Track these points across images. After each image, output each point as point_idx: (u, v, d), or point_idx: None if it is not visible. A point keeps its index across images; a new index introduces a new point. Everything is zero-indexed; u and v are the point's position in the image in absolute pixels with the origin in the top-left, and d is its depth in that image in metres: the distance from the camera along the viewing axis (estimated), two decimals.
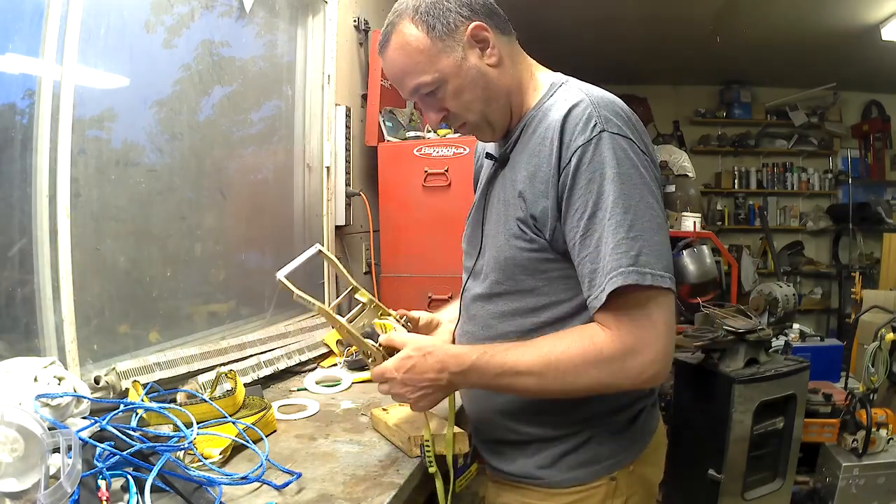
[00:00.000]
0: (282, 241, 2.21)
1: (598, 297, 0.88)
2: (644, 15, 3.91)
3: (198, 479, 0.92)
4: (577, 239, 0.90)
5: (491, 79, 0.99)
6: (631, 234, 0.86)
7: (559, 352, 0.90)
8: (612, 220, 0.86)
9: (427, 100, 1.01)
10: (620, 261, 0.85)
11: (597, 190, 0.88)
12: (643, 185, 0.89)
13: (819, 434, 2.60)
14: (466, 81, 0.98)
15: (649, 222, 0.87)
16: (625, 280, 0.84)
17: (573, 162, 0.89)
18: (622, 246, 0.85)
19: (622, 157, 0.88)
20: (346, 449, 1.20)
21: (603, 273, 0.87)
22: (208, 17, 1.75)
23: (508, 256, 1.00)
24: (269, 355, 1.74)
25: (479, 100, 1.00)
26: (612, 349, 0.88)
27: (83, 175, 1.34)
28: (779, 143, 6.09)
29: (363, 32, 2.59)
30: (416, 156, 2.38)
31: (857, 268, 5.31)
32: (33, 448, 0.78)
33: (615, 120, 0.91)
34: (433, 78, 0.97)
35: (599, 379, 0.90)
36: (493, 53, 0.98)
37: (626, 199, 0.87)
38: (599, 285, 0.87)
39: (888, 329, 2.79)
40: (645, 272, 0.85)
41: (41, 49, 1.23)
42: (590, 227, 0.88)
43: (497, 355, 0.93)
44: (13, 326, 1.21)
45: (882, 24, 3.94)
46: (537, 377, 0.91)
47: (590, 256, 0.89)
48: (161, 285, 1.60)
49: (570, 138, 0.90)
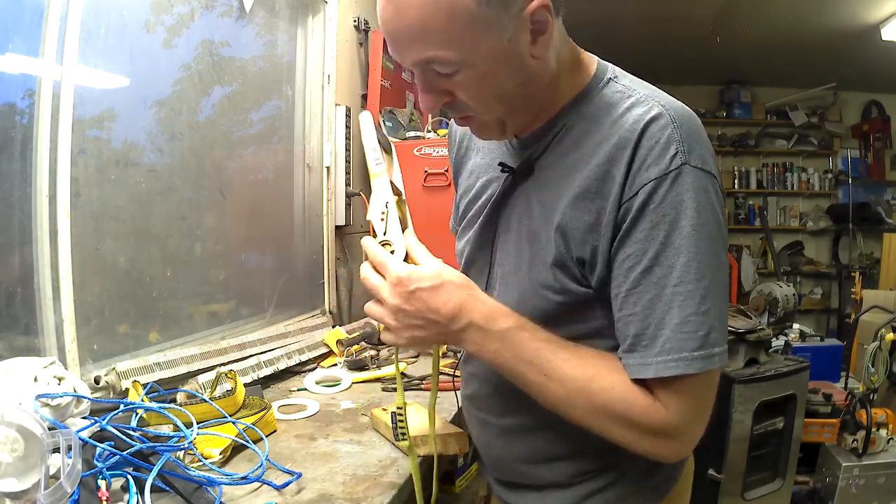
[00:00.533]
0: (282, 241, 2.21)
1: (637, 369, 0.72)
2: (644, 15, 3.91)
3: (198, 479, 0.92)
4: (620, 291, 0.73)
5: (531, 73, 0.75)
6: (702, 308, 0.69)
7: (602, 383, 0.74)
8: (680, 286, 0.69)
9: (433, 78, 0.74)
10: (686, 343, 0.69)
11: (662, 240, 0.70)
12: (720, 239, 0.72)
13: (819, 434, 2.61)
14: (501, 70, 0.72)
15: (722, 288, 0.72)
16: (687, 368, 0.69)
17: (640, 197, 0.70)
18: (691, 324, 0.69)
19: (703, 204, 0.70)
20: (346, 449, 1.20)
21: (656, 348, 0.70)
22: (208, 17, 1.74)
23: (536, 306, 0.80)
24: (269, 355, 1.74)
25: (505, 97, 0.75)
26: (651, 420, 0.72)
27: (83, 175, 1.34)
28: (779, 143, 6.09)
29: (363, 32, 2.59)
30: (416, 156, 2.38)
31: (857, 268, 5.32)
32: (33, 448, 0.78)
33: (698, 149, 0.71)
34: (461, 57, 0.70)
35: (621, 438, 0.75)
36: (546, 43, 0.73)
37: (701, 262, 0.69)
38: (644, 357, 0.71)
39: (888, 329, 2.80)
40: (713, 355, 0.70)
41: (41, 49, 1.23)
42: (641, 283, 0.71)
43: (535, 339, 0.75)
44: (13, 326, 1.21)
45: (882, 24, 3.95)
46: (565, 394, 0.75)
47: (635, 318, 0.72)
48: (161, 285, 1.60)
49: (641, 165, 0.71)
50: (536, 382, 0.76)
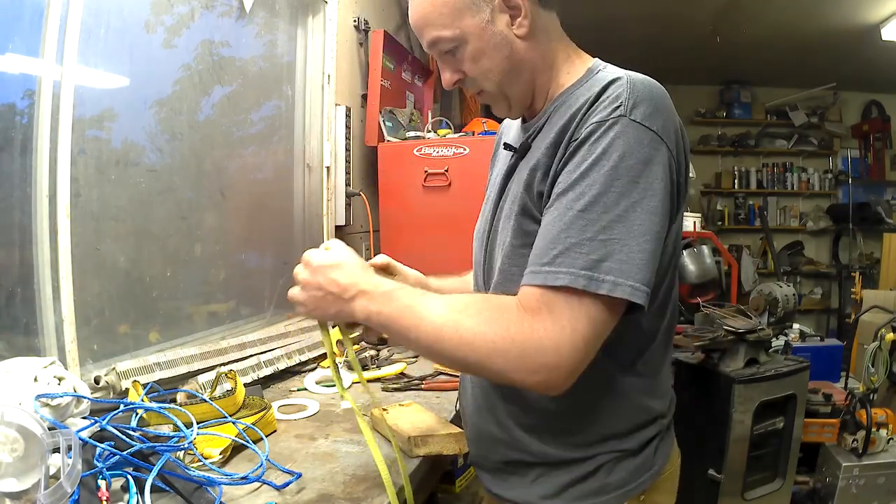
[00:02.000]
0: (282, 241, 2.21)
1: (529, 275, 0.79)
2: (644, 15, 3.91)
3: (198, 479, 0.92)
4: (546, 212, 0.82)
5: (516, 50, 0.90)
6: (601, 237, 0.76)
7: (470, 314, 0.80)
8: (585, 213, 0.77)
9: (445, 58, 0.93)
10: (576, 261, 0.75)
11: (583, 171, 0.78)
12: (646, 187, 0.78)
13: (819, 434, 2.60)
14: (488, 47, 0.89)
15: (638, 228, 0.76)
16: (573, 282, 0.75)
17: (580, 137, 0.81)
18: (585, 246, 0.76)
19: (632, 152, 0.78)
20: (346, 449, 1.20)
21: (546, 258, 0.77)
22: (208, 17, 1.75)
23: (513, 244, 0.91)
24: (269, 355, 1.74)
25: (498, 69, 0.91)
26: (521, 332, 0.76)
27: (83, 175, 1.34)
28: (779, 143, 6.09)
29: (363, 32, 2.59)
30: (416, 156, 2.38)
31: (857, 268, 5.32)
32: (33, 448, 0.78)
33: (644, 109, 0.80)
34: (453, 34, 0.89)
35: (496, 356, 0.77)
36: (524, 24, 0.89)
37: (614, 199, 0.76)
38: (538, 266, 0.78)
39: (888, 329, 2.79)
40: (602, 280, 0.74)
41: (41, 49, 1.23)
42: (554, 203, 0.80)
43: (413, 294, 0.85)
44: (13, 326, 1.21)
45: (882, 24, 3.95)
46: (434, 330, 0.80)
47: (543, 230, 0.80)
48: (161, 285, 1.60)
49: (590, 113, 0.82)
50: (410, 326, 0.82)
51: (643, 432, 0.94)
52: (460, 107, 3.90)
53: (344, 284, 0.86)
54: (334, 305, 0.88)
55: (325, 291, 0.87)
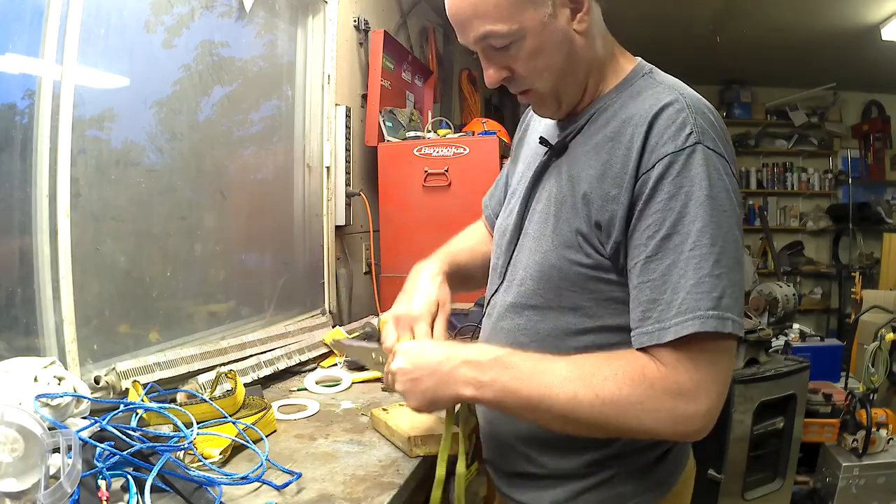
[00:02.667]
0: (282, 241, 2.21)
1: (655, 335, 0.75)
2: (644, 15, 3.91)
3: (198, 479, 0.92)
4: (639, 259, 0.78)
5: (576, 47, 0.84)
6: (716, 272, 0.73)
7: (604, 374, 0.76)
8: (695, 250, 0.74)
9: (492, 54, 0.85)
10: (700, 302, 0.73)
11: (679, 209, 0.75)
12: (733, 213, 0.77)
13: (819, 434, 2.61)
14: (548, 43, 0.82)
15: (735, 259, 0.75)
16: (703, 326, 0.72)
17: (657, 170, 0.77)
18: (705, 284, 0.73)
19: (715, 178, 0.76)
20: (346, 449, 1.20)
21: (673, 310, 0.74)
22: (208, 18, 1.75)
23: (555, 266, 0.86)
24: (269, 355, 1.74)
25: (555, 68, 0.84)
26: (665, 386, 0.74)
27: (83, 175, 1.34)
28: (779, 143, 6.09)
29: (363, 32, 2.59)
30: (416, 156, 2.39)
31: (857, 268, 5.31)
32: (33, 448, 0.78)
33: (712, 133, 0.79)
34: (510, 30, 0.80)
35: (642, 415, 0.75)
36: (585, 19, 0.83)
37: (715, 229, 0.74)
38: (662, 322, 0.75)
39: (888, 329, 2.80)
40: (727, 318, 0.73)
41: (41, 49, 1.23)
42: (660, 250, 0.76)
43: (528, 358, 0.80)
44: (13, 326, 1.21)
45: (882, 24, 3.94)
46: (569, 397, 0.76)
47: (652, 283, 0.76)
48: (161, 285, 1.60)
49: (658, 141, 0.78)
50: (540, 396, 0.78)
51: (661, 444, 0.91)
52: (460, 107, 3.90)
53: (438, 357, 0.82)
54: (436, 381, 0.83)
55: (420, 370, 0.83)
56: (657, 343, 0.75)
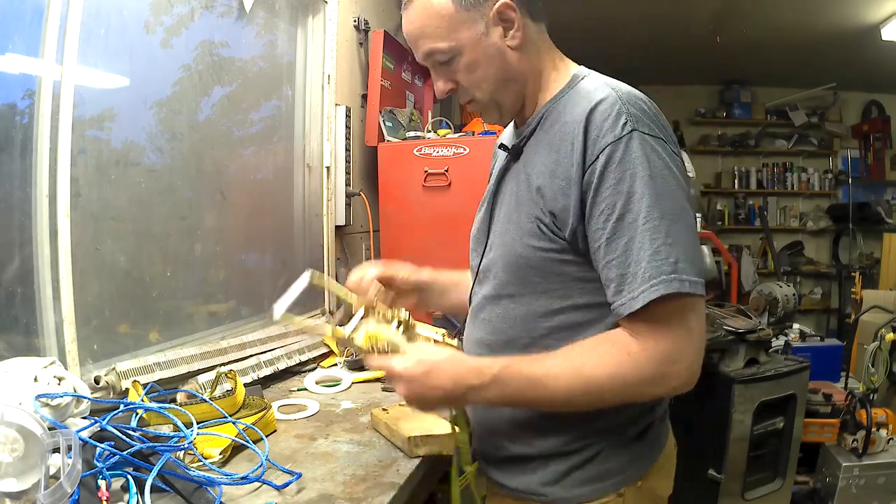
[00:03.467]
0: (282, 241, 2.21)
1: (629, 305, 0.84)
2: (644, 15, 3.91)
3: (198, 479, 0.92)
4: (601, 241, 0.86)
5: (508, 61, 0.95)
6: (668, 241, 0.82)
7: (593, 364, 0.86)
8: (647, 224, 0.83)
9: (439, 68, 0.97)
10: (661, 268, 0.82)
11: (626, 191, 0.84)
12: (677, 187, 0.86)
13: (819, 434, 2.61)
14: (483, 58, 0.94)
15: (684, 226, 0.85)
16: (667, 289, 0.81)
17: (601, 160, 0.85)
18: (661, 252, 0.82)
19: (654, 158, 0.85)
20: (346, 449, 1.20)
21: (638, 280, 0.83)
22: (208, 18, 1.74)
23: (521, 255, 0.95)
24: (269, 355, 1.74)
25: (491, 79, 0.95)
26: (650, 359, 0.84)
27: (83, 175, 1.34)
28: (779, 143, 6.09)
29: (363, 32, 2.59)
30: (416, 156, 2.38)
31: (857, 268, 5.31)
32: (33, 448, 0.78)
33: (645, 119, 0.87)
34: (449, 46, 0.93)
35: (634, 388, 0.86)
36: (517, 36, 0.94)
37: (662, 203, 0.83)
38: (632, 292, 0.83)
39: (888, 329, 2.80)
40: (684, 279, 0.82)
41: (41, 49, 1.23)
42: (617, 230, 0.84)
43: (523, 367, 0.88)
44: (13, 326, 1.21)
45: (882, 24, 3.94)
46: (566, 391, 0.86)
47: (617, 260, 0.85)
48: (161, 285, 1.60)
49: (598, 134, 0.86)
50: (540, 397, 0.88)
51: (641, 421, 0.98)
52: (460, 107, 3.90)
53: (448, 388, 0.88)
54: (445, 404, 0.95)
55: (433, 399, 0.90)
56: (631, 313, 0.84)
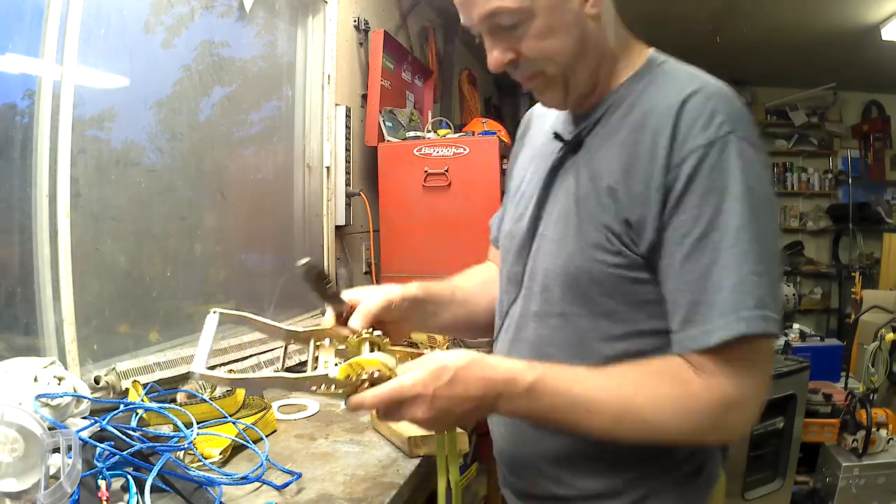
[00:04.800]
0: (282, 241, 2.21)
1: (701, 340, 0.71)
2: (644, 15, 3.91)
3: (198, 479, 0.92)
4: (676, 259, 0.73)
5: (588, 31, 0.79)
6: (758, 269, 0.70)
7: (645, 393, 0.73)
8: (735, 247, 0.70)
9: (499, 34, 0.80)
10: (745, 301, 0.69)
11: (715, 205, 0.71)
12: (770, 206, 0.73)
13: (819, 434, 2.61)
14: (560, 24, 0.77)
15: (774, 254, 0.72)
16: (749, 328, 0.68)
17: (688, 163, 0.72)
18: (747, 283, 0.69)
19: (751, 171, 0.72)
20: (346, 449, 1.20)
21: (716, 311, 0.70)
22: (208, 18, 1.74)
23: (582, 268, 0.80)
24: (269, 355, 1.74)
25: (566, 51, 0.79)
26: (711, 400, 0.71)
27: (83, 175, 1.34)
28: (779, 143, 6.09)
29: (363, 32, 2.59)
30: (416, 156, 2.38)
31: (857, 268, 5.31)
32: (33, 448, 0.78)
33: (744, 122, 0.74)
34: (520, 6, 0.75)
35: (688, 432, 0.73)
36: (599, 3, 0.79)
37: (755, 224, 0.70)
38: (705, 324, 0.70)
39: (888, 329, 2.80)
40: (769, 317, 0.69)
41: (41, 49, 1.23)
42: (696, 249, 0.71)
43: (563, 381, 0.75)
44: (13, 326, 1.21)
45: (882, 24, 3.94)
46: (611, 420, 0.73)
47: (691, 285, 0.72)
48: (161, 285, 1.60)
49: (688, 133, 0.73)
50: (576, 422, 0.75)
51: (698, 456, 0.86)
52: (460, 107, 3.89)
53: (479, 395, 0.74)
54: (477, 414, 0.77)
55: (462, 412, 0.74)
56: (701, 347, 0.71)
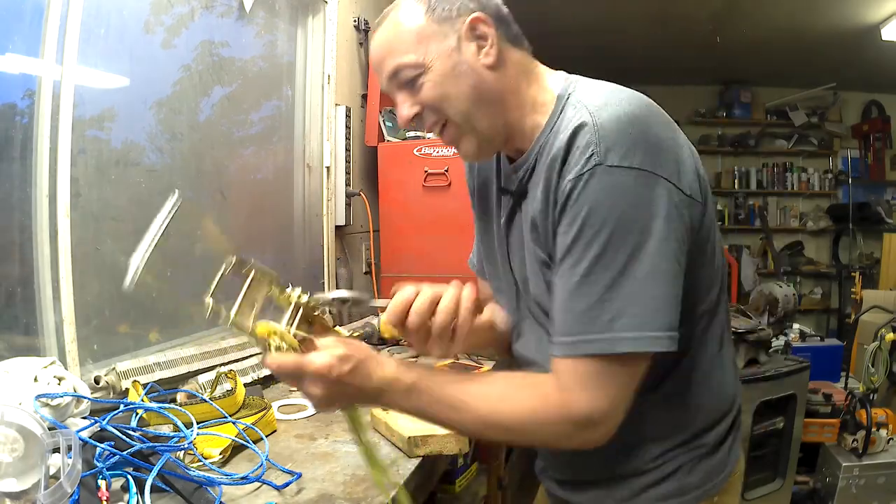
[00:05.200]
0: (282, 241, 2.21)
1: (556, 350, 0.79)
2: (644, 15, 3.91)
3: (198, 479, 0.92)
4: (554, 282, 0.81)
5: (483, 79, 0.85)
6: (609, 296, 0.74)
7: (510, 404, 0.81)
8: (590, 276, 0.75)
9: (404, 90, 0.87)
10: (590, 326, 0.75)
11: (574, 234, 0.76)
12: (643, 229, 0.74)
13: (819, 434, 2.61)
14: (453, 73, 0.84)
15: (644, 276, 0.74)
16: (587, 349, 0.75)
17: (560, 198, 0.78)
18: (594, 309, 0.75)
19: (619, 199, 0.74)
20: (346, 449, 1.20)
21: (565, 331, 0.77)
22: (208, 18, 1.74)
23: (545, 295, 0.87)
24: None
25: (463, 97, 0.85)
26: (563, 415, 0.78)
27: (83, 175, 1.34)
28: (779, 143, 6.09)
29: (363, 32, 2.59)
30: (416, 156, 2.38)
31: (857, 268, 5.31)
32: (33, 448, 0.78)
33: (620, 149, 0.75)
34: (416, 60, 0.84)
35: (541, 440, 0.86)
36: (491, 53, 0.85)
37: (614, 253, 0.74)
38: (558, 340, 0.78)
39: (888, 329, 2.80)
40: (619, 339, 0.74)
41: (41, 49, 1.23)
42: (559, 274, 0.79)
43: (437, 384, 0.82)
44: (13, 326, 1.21)
45: (882, 24, 3.94)
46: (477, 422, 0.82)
47: (558, 304, 0.79)
48: (161, 285, 1.60)
49: (567, 168, 0.78)
50: (450, 421, 0.84)
51: (720, 426, 0.91)
52: None
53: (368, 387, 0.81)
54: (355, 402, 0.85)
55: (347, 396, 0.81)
56: (556, 355, 0.79)
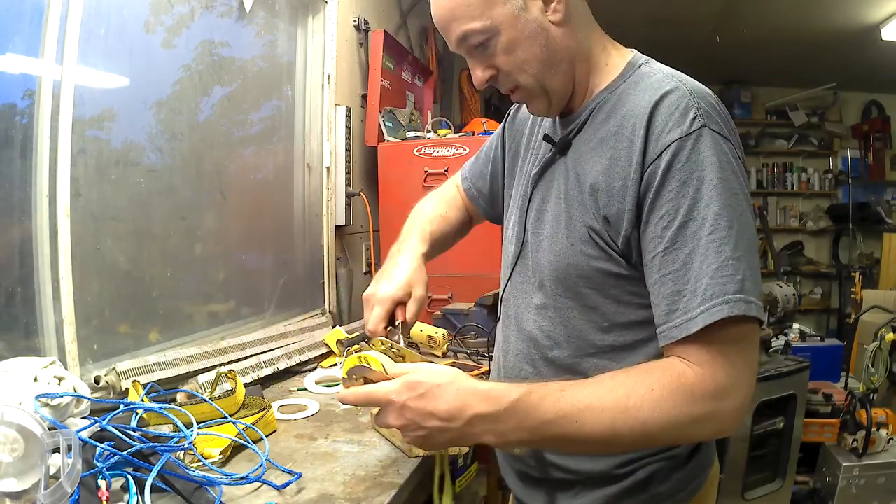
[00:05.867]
0: (282, 241, 2.21)
1: (684, 326, 0.72)
2: (644, 15, 3.91)
3: (198, 479, 0.92)
4: (658, 251, 0.76)
5: (553, 38, 0.83)
6: (736, 254, 0.71)
7: (638, 393, 0.72)
8: (714, 234, 0.72)
9: (475, 53, 0.86)
10: (726, 286, 0.70)
11: (693, 195, 0.73)
12: (744, 196, 0.75)
13: (819, 434, 2.61)
14: (523, 35, 0.82)
15: (750, 241, 0.74)
16: (731, 311, 0.70)
17: (665, 158, 0.75)
18: (728, 268, 0.71)
19: (724, 162, 0.74)
20: (346, 449, 1.20)
21: (698, 298, 0.71)
22: (208, 18, 1.74)
23: (572, 264, 0.85)
24: (269, 355, 1.74)
25: (535, 60, 0.84)
26: (705, 389, 0.71)
27: (83, 175, 1.34)
28: (779, 143, 6.09)
29: (363, 32, 2.59)
30: (416, 156, 2.39)
31: (857, 268, 5.31)
32: (33, 448, 0.78)
33: (715, 116, 0.78)
34: (483, 26, 0.82)
35: (686, 426, 0.73)
36: (559, 9, 0.83)
37: (731, 212, 0.72)
38: (687, 311, 0.72)
39: (888, 329, 2.80)
40: (751, 301, 0.71)
41: (41, 49, 1.23)
42: (678, 240, 0.74)
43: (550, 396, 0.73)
44: (13, 326, 1.21)
45: (882, 24, 3.94)
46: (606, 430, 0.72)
47: (674, 275, 0.74)
48: (161, 285, 1.60)
49: (662, 129, 0.76)
50: (573, 434, 0.73)
51: None
52: (460, 107, 3.90)
53: (446, 415, 0.73)
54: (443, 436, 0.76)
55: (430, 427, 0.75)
56: (686, 336, 0.72)
